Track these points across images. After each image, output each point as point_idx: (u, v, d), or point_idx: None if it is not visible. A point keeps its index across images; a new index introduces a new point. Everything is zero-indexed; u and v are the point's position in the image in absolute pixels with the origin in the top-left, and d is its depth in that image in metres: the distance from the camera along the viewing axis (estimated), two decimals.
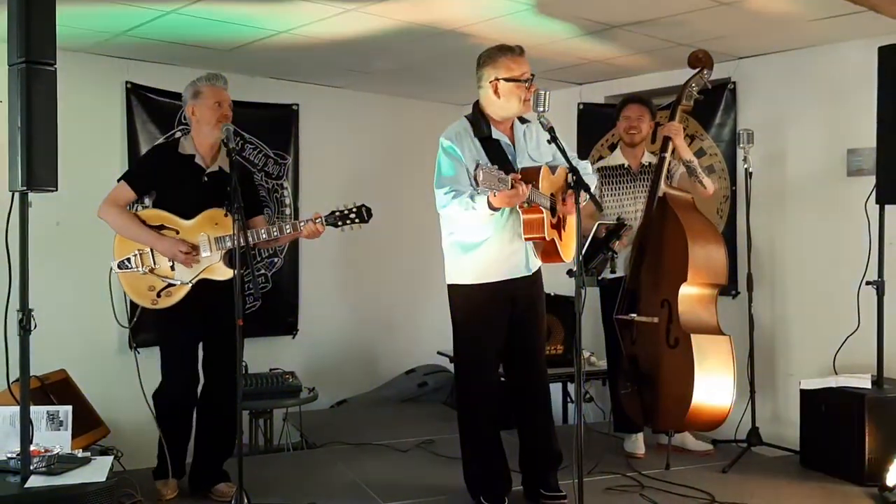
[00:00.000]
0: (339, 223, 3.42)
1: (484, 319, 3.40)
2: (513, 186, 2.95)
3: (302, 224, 3.42)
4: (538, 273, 3.52)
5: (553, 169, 3.36)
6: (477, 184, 2.86)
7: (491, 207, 3.10)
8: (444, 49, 4.57)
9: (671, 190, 4.22)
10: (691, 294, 4.08)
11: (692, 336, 3.99)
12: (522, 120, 3.48)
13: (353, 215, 3.42)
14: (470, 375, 3.50)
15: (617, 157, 4.41)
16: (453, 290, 3.46)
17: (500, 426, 3.50)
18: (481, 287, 3.38)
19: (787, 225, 4.71)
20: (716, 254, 4.16)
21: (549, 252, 3.37)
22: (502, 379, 3.61)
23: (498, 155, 3.31)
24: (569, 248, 3.39)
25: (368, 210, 3.44)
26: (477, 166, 2.85)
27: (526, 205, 3.18)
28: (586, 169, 3.50)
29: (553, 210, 3.28)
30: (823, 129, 4.55)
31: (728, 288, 4.54)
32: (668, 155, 4.17)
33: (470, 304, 3.41)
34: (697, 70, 4.25)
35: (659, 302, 4.08)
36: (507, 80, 3.29)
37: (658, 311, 4.08)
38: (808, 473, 3.98)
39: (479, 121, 3.38)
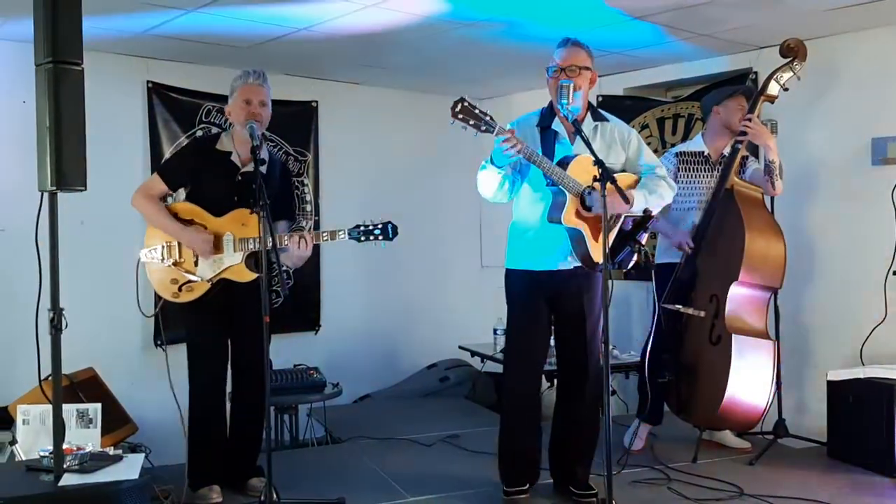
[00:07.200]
0: (363, 238, 3.42)
1: (523, 307, 3.42)
2: (499, 135, 3.00)
3: (287, 238, 3.40)
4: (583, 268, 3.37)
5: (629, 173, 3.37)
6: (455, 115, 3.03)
7: (492, 161, 3.14)
8: (460, 43, 4.55)
9: (740, 183, 4.08)
10: (741, 293, 3.95)
11: (734, 336, 3.89)
12: (600, 117, 3.41)
13: (377, 231, 3.42)
14: (506, 359, 3.57)
15: (697, 143, 4.27)
16: (506, 273, 3.50)
17: (533, 414, 3.50)
18: (521, 273, 3.40)
19: (812, 215, 4.66)
20: (774, 255, 3.98)
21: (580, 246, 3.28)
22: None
23: (549, 145, 3.30)
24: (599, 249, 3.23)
25: (395, 228, 3.42)
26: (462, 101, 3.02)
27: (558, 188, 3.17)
28: (656, 171, 3.41)
29: (583, 200, 3.19)
30: (848, 119, 4.51)
31: None
32: (742, 147, 4.06)
33: (511, 288, 3.46)
34: (788, 60, 4.08)
35: (708, 296, 3.99)
36: (547, 69, 3.31)
37: (706, 304, 3.99)
38: (836, 465, 3.96)
39: (546, 111, 3.38)
